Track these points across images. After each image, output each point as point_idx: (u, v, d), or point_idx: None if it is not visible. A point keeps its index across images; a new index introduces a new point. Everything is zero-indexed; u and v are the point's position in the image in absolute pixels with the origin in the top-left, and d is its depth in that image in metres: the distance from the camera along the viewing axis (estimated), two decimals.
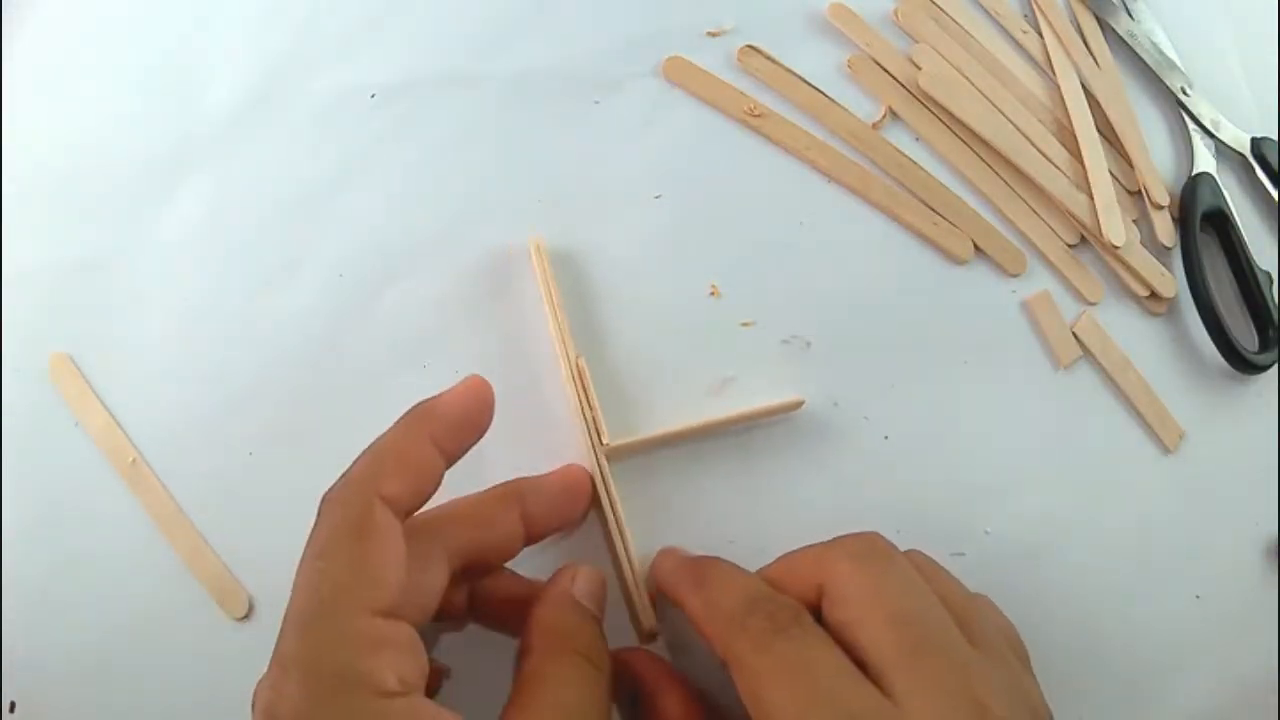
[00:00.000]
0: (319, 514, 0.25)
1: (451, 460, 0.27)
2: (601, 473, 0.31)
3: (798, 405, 0.34)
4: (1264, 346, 0.38)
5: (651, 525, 0.33)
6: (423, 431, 0.26)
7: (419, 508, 0.26)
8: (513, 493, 0.29)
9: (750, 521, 0.33)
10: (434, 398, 0.27)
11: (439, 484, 0.27)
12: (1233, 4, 0.44)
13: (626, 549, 0.31)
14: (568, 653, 0.26)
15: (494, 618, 0.30)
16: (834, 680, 0.23)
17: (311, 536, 0.25)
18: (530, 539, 0.29)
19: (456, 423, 0.27)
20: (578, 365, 0.32)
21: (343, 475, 0.26)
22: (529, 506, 0.29)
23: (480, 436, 0.28)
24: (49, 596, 0.32)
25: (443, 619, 0.27)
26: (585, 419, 0.32)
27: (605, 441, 0.32)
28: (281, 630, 0.23)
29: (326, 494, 0.25)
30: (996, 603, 0.28)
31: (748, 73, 0.38)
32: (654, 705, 0.28)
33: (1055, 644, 0.33)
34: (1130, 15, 0.42)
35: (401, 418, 0.27)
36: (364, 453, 0.26)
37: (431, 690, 0.29)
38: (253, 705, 0.23)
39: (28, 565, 0.33)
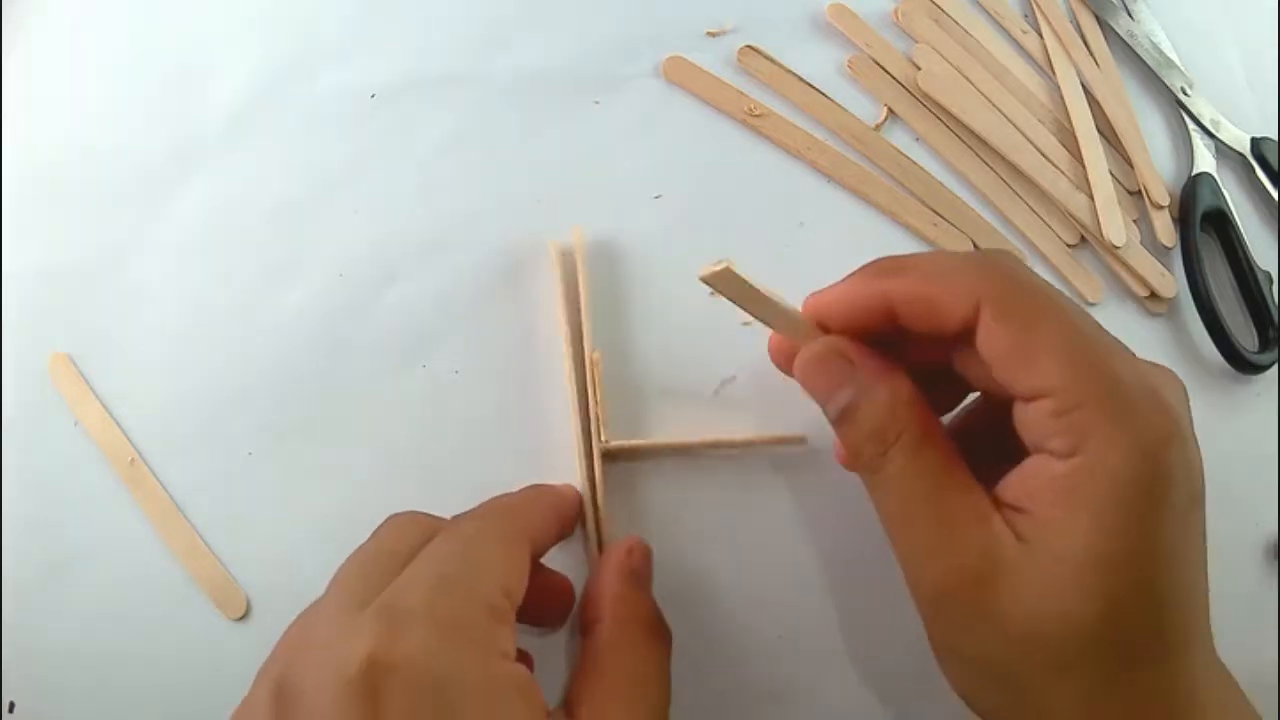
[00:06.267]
0: (475, 511, 0.27)
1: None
2: (592, 470, 0.31)
3: (799, 440, 0.33)
4: (1264, 346, 0.38)
5: (633, 529, 0.33)
6: (560, 508, 0.29)
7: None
8: (558, 504, 0.30)
9: (744, 524, 0.33)
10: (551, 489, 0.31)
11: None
12: (1233, 4, 0.44)
13: (602, 550, 0.31)
14: (637, 624, 0.26)
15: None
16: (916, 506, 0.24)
17: (460, 523, 0.26)
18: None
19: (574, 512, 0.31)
20: (592, 360, 0.32)
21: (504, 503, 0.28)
22: (563, 513, 0.30)
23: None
24: (48, 596, 0.32)
25: None
26: (592, 416, 0.32)
27: (604, 439, 0.32)
28: (396, 594, 0.23)
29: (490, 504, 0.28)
30: None
31: (748, 73, 0.38)
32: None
33: None
34: (1130, 15, 0.42)
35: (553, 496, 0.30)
36: (525, 497, 0.29)
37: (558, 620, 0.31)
38: (310, 678, 0.21)
39: (27, 565, 0.32)
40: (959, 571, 0.22)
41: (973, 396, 0.29)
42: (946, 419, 0.28)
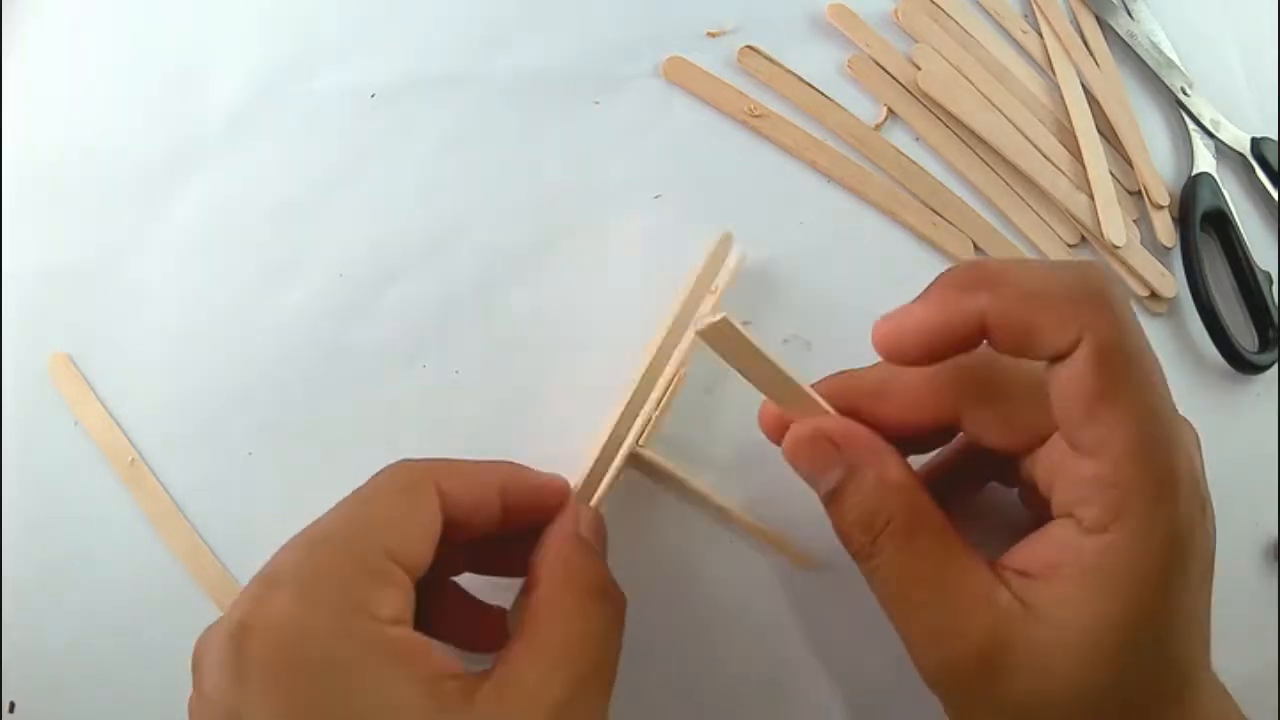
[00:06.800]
0: (378, 472, 0.26)
1: (500, 519, 0.27)
2: (611, 475, 0.31)
3: (807, 563, 0.31)
4: (1264, 346, 0.38)
5: (635, 524, 0.33)
6: (498, 472, 0.27)
7: (465, 524, 0.26)
8: (499, 468, 0.28)
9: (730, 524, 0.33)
10: (523, 466, 0.28)
11: (488, 524, 0.26)
12: (1233, 4, 0.44)
13: None
14: (576, 586, 0.25)
15: (486, 560, 0.29)
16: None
17: (360, 487, 0.25)
18: (503, 522, 0.27)
19: (531, 490, 0.28)
20: (678, 376, 0.32)
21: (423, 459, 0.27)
22: (510, 487, 0.27)
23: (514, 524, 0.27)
24: (48, 596, 0.32)
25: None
26: (643, 420, 0.31)
27: (641, 443, 0.31)
28: (279, 555, 0.23)
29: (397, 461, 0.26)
30: None
31: (748, 73, 0.38)
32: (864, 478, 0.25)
33: None
34: (1130, 15, 0.42)
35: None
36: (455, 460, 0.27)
37: (493, 647, 0.29)
38: (216, 634, 0.22)
39: (27, 565, 0.32)
40: (964, 654, 0.22)
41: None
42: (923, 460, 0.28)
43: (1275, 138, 0.41)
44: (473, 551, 0.29)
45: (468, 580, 0.30)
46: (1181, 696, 0.22)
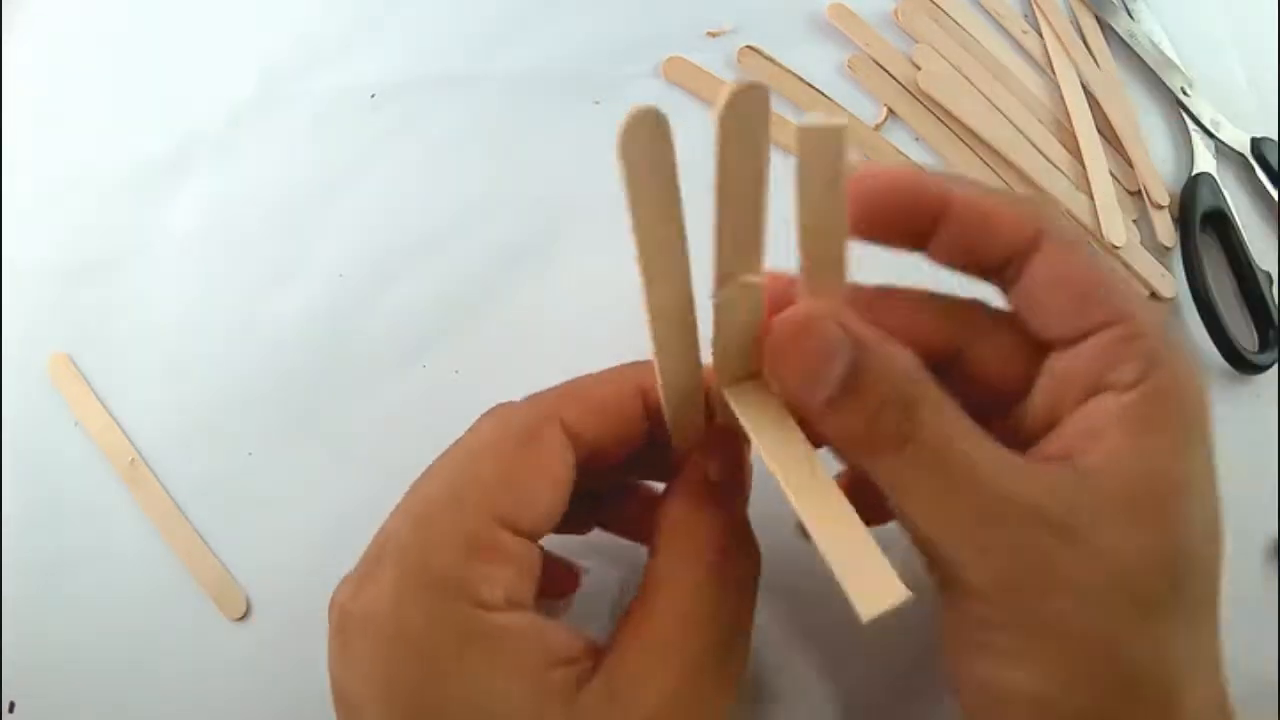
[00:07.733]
0: (483, 418, 0.23)
1: (647, 430, 0.23)
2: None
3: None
4: (1264, 346, 0.38)
5: None
6: (632, 378, 0.23)
7: (605, 452, 0.23)
8: (629, 372, 0.24)
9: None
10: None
11: (634, 441, 0.23)
12: (1233, 4, 0.44)
13: None
14: (691, 556, 0.22)
15: (621, 523, 0.26)
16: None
17: (465, 437, 0.23)
18: (651, 433, 0.24)
19: None
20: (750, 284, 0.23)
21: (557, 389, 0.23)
22: (651, 390, 0.23)
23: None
24: (48, 596, 0.32)
25: (564, 529, 0.24)
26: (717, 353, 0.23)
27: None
28: (389, 523, 0.22)
29: (500, 405, 0.23)
30: None
31: (748, 73, 0.38)
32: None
33: None
34: (1130, 15, 0.42)
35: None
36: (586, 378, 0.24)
37: (565, 592, 0.28)
38: (331, 601, 0.22)
39: (27, 565, 0.33)
40: (1033, 530, 0.19)
41: None
42: None
43: (1275, 138, 0.41)
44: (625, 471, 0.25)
45: None
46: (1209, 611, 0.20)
